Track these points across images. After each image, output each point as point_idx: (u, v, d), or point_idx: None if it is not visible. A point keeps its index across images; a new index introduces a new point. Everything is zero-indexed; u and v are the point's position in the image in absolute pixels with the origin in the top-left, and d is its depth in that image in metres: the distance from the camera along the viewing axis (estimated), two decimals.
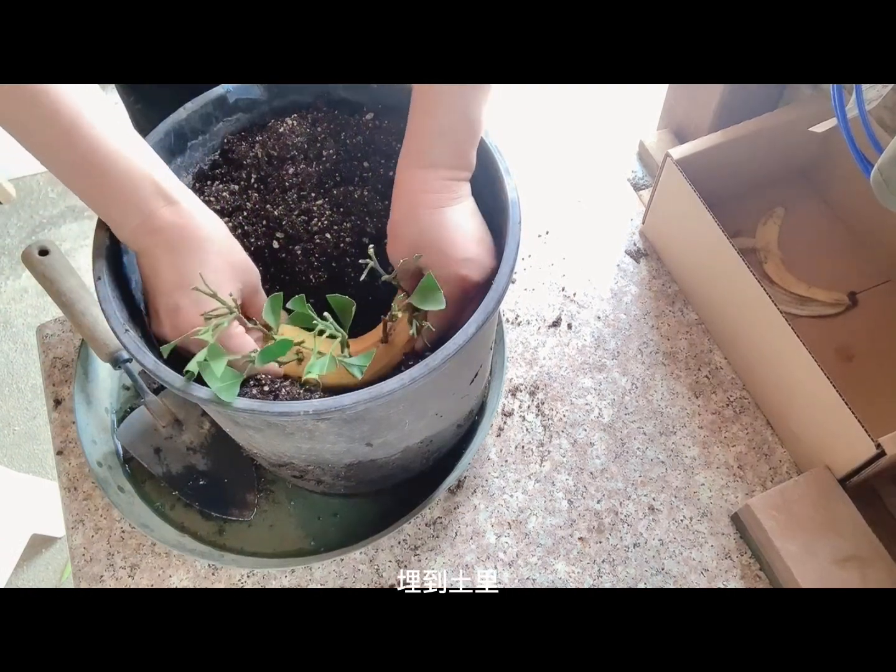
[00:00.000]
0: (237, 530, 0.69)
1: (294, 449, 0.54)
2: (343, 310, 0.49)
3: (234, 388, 0.45)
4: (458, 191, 0.51)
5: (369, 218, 0.57)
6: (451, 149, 0.50)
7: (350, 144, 0.59)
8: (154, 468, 0.70)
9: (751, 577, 0.67)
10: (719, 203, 0.75)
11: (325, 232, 0.56)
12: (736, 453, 0.72)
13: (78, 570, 0.68)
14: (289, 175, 0.58)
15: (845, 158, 0.62)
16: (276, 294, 0.49)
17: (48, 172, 0.49)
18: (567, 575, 0.67)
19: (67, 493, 0.72)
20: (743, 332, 0.74)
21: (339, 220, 0.56)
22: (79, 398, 0.73)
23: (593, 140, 1.00)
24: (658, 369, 0.77)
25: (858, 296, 0.82)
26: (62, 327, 0.81)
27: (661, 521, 0.69)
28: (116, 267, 0.51)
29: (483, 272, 0.50)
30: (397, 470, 0.63)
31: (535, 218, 0.88)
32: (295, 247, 0.56)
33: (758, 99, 0.87)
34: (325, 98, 0.60)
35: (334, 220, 0.56)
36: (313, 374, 0.46)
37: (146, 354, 0.46)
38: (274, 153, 0.58)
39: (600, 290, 0.82)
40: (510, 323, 0.80)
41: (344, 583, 0.67)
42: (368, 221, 0.56)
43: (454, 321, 0.51)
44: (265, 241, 0.57)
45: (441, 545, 0.69)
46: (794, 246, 0.86)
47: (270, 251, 0.57)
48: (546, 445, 0.73)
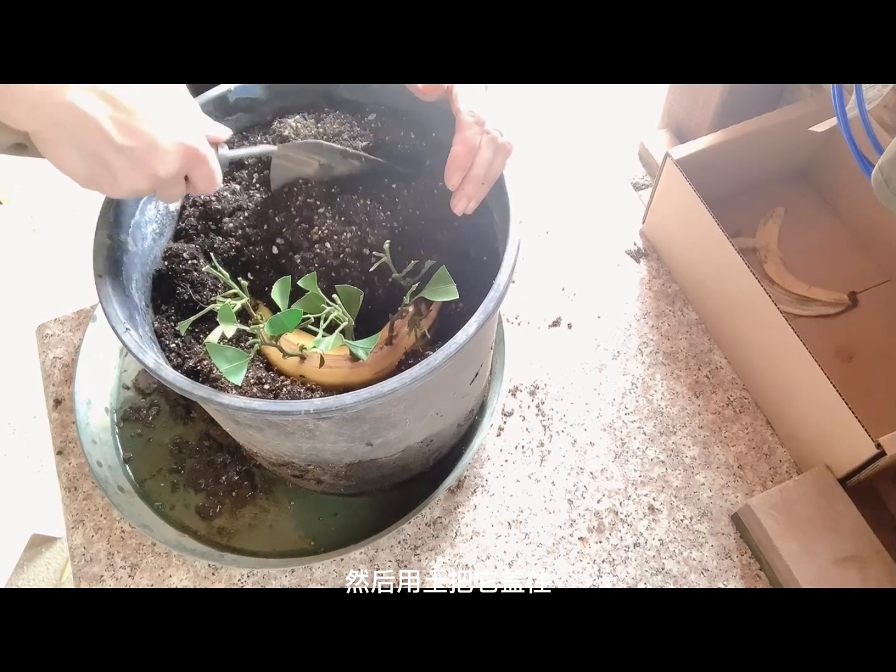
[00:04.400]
0: (237, 530, 0.69)
1: (294, 448, 0.54)
2: (350, 299, 0.50)
3: (241, 370, 0.46)
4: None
5: (370, 228, 0.56)
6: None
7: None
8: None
9: (751, 577, 0.67)
10: (719, 203, 0.75)
11: (325, 241, 0.56)
12: (736, 453, 0.72)
13: (78, 570, 0.68)
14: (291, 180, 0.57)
15: (845, 158, 0.62)
16: (284, 277, 0.50)
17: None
18: (567, 575, 0.67)
19: (67, 493, 0.72)
20: (743, 332, 0.74)
21: (340, 230, 0.56)
22: (79, 398, 0.73)
23: (594, 140, 1.01)
24: (658, 369, 0.77)
25: (858, 296, 0.82)
26: (62, 327, 0.81)
27: (661, 521, 0.69)
28: (116, 266, 0.51)
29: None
30: (397, 470, 0.63)
31: (535, 218, 0.88)
32: (295, 255, 0.56)
33: (758, 99, 0.87)
34: (327, 98, 0.60)
35: (335, 229, 0.56)
36: (319, 349, 0.47)
37: (147, 354, 0.46)
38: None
39: (600, 291, 0.82)
40: (510, 323, 0.80)
41: (344, 583, 0.67)
42: (370, 232, 0.56)
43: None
44: (264, 246, 0.57)
45: (441, 545, 0.69)
46: (794, 246, 0.86)
47: (270, 256, 0.57)
48: (546, 445, 0.73)
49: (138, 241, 0.55)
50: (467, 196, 0.53)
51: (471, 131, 0.51)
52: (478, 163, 0.51)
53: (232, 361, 0.46)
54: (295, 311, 0.48)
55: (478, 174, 0.52)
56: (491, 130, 0.51)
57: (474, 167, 0.51)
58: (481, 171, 0.52)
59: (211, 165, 0.46)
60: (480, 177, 0.52)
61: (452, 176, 0.52)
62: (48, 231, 1.84)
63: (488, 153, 0.51)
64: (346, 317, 0.50)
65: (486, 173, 0.52)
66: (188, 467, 0.72)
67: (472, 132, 0.51)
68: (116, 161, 0.41)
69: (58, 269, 1.76)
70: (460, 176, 0.52)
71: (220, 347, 0.46)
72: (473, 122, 0.50)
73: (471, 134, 0.51)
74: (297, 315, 0.48)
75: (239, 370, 0.46)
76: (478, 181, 0.52)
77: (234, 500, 0.70)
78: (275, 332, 0.48)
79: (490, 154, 0.51)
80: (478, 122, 0.51)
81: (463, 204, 0.53)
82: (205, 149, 0.45)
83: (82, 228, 1.85)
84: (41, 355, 0.79)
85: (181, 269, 0.56)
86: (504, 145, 0.52)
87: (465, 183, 0.52)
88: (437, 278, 0.49)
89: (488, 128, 0.51)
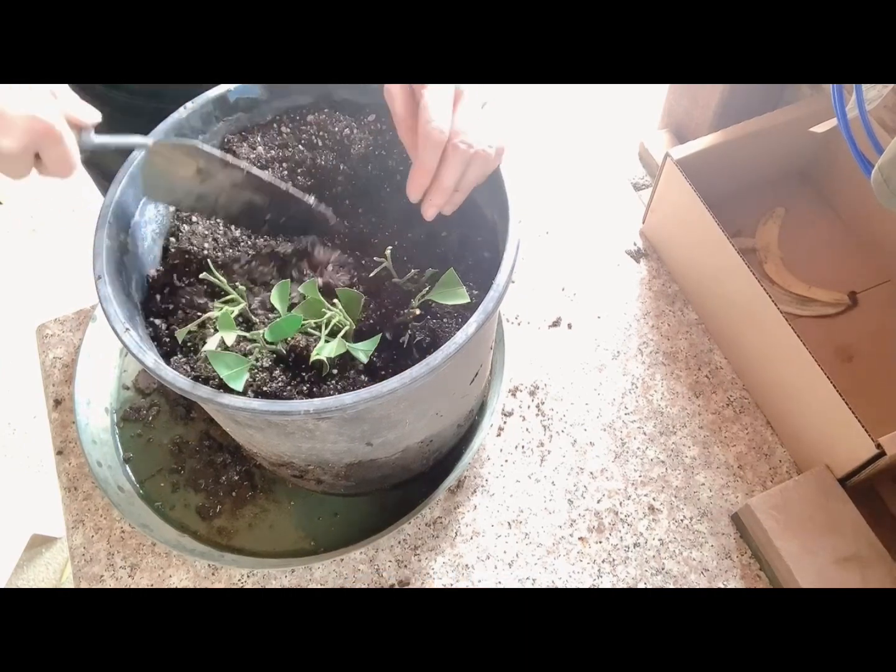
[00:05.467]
0: (237, 530, 0.69)
1: (294, 448, 0.54)
2: (351, 302, 0.50)
3: (242, 376, 0.46)
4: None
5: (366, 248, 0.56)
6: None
7: (353, 156, 0.58)
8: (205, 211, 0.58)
9: (751, 577, 0.67)
10: (719, 203, 0.75)
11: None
12: (736, 453, 0.72)
13: (78, 570, 0.68)
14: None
15: (845, 158, 0.62)
16: (283, 281, 0.50)
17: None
18: (567, 575, 0.67)
19: (67, 493, 0.72)
20: (743, 332, 0.74)
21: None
22: (79, 398, 0.73)
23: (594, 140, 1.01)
24: (658, 369, 0.77)
25: (858, 296, 0.82)
26: (62, 327, 0.81)
27: (662, 521, 0.69)
28: (116, 266, 0.51)
29: None
30: (397, 470, 0.62)
31: (535, 218, 0.88)
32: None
33: (758, 99, 0.87)
34: (326, 99, 0.60)
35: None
36: (322, 356, 0.46)
37: (146, 354, 0.46)
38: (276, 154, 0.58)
39: (600, 290, 0.82)
40: (510, 323, 0.80)
41: (344, 583, 0.67)
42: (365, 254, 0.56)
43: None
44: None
45: (441, 545, 0.69)
46: (794, 246, 0.86)
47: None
48: (546, 445, 0.73)
49: (138, 241, 0.55)
50: (435, 205, 0.50)
51: (429, 154, 0.47)
52: (444, 175, 0.48)
53: (232, 367, 0.46)
54: (295, 317, 0.47)
55: (445, 186, 0.49)
56: (461, 144, 0.47)
57: (440, 179, 0.49)
58: (449, 183, 0.49)
59: (66, 146, 0.44)
60: (449, 188, 0.49)
61: (412, 193, 0.50)
62: (48, 231, 1.84)
63: (455, 166, 0.48)
64: (347, 321, 0.50)
65: (458, 183, 0.49)
66: (188, 467, 0.72)
67: (430, 155, 0.47)
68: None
69: (58, 269, 1.76)
70: (420, 192, 0.50)
71: (221, 354, 0.46)
72: (434, 139, 0.47)
73: (429, 157, 0.47)
74: (298, 321, 0.47)
75: (240, 376, 0.46)
76: (446, 192, 0.49)
77: (234, 500, 0.70)
78: (275, 338, 0.48)
79: (458, 166, 0.48)
80: (439, 136, 0.46)
81: (431, 212, 0.51)
82: (60, 127, 0.43)
83: (82, 228, 1.85)
84: (41, 355, 0.79)
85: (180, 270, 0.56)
86: (479, 153, 0.48)
87: (430, 194, 0.50)
88: (446, 281, 0.49)
89: (459, 140, 0.47)
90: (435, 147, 0.47)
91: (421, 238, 0.57)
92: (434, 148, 0.47)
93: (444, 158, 0.48)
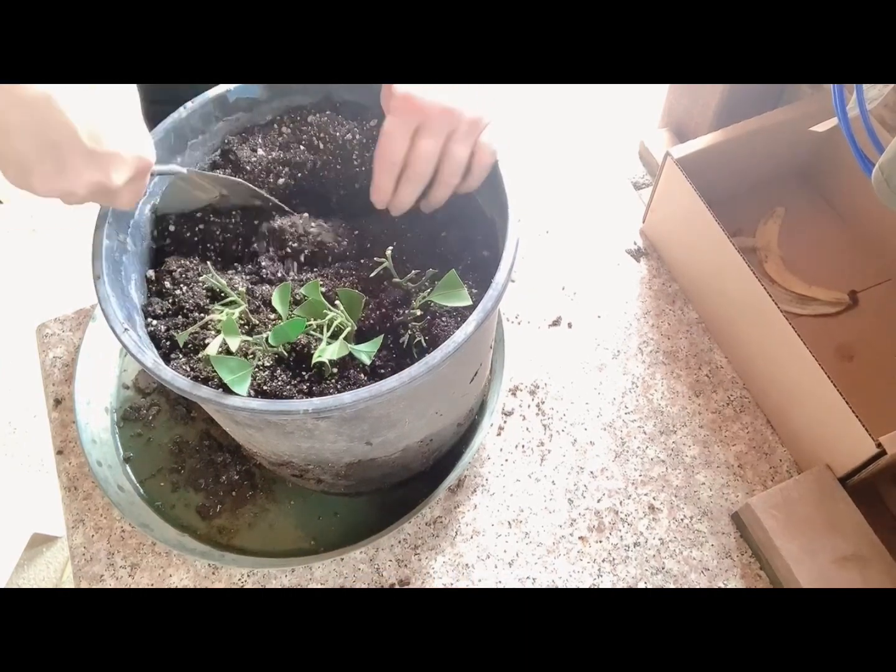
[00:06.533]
0: (237, 530, 0.69)
1: (294, 448, 0.54)
2: (352, 303, 0.49)
3: (245, 380, 0.46)
4: None
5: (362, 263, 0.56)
6: None
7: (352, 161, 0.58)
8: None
9: (751, 577, 0.67)
10: (719, 202, 0.75)
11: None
12: (736, 452, 0.72)
13: (78, 570, 0.68)
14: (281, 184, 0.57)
15: (846, 158, 0.62)
16: (284, 284, 0.50)
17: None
18: (567, 574, 0.67)
19: (67, 492, 0.72)
20: (743, 332, 0.74)
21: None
22: (79, 398, 0.73)
23: (594, 140, 1.00)
24: (658, 368, 0.77)
25: (858, 295, 0.82)
26: (62, 327, 0.81)
27: (662, 521, 0.69)
28: (115, 266, 0.51)
29: None
30: (397, 469, 0.62)
31: (535, 217, 0.88)
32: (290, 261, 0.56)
33: (758, 99, 0.87)
34: (328, 99, 0.60)
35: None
36: (324, 358, 0.46)
37: (145, 354, 0.46)
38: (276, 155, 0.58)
39: (600, 290, 0.82)
40: (510, 322, 0.80)
41: (344, 582, 0.67)
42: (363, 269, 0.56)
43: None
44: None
45: (441, 544, 0.69)
46: (794, 245, 0.86)
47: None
48: (546, 445, 0.73)
49: (137, 241, 0.55)
50: (401, 201, 0.45)
51: (395, 120, 0.40)
52: (416, 159, 0.42)
53: (236, 372, 0.46)
54: (299, 321, 0.47)
55: (418, 172, 0.43)
56: (438, 116, 0.40)
57: (411, 165, 0.43)
58: (422, 170, 0.43)
59: (146, 182, 0.46)
60: (421, 175, 0.43)
61: (379, 177, 0.44)
62: (48, 231, 1.84)
63: (429, 146, 0.41)
64: (349, 322, 0.50)
65: (432, 170, 0.43)
66: (188, 467, 0.72)
67: (396, 122, 0.40)
68: (74, 160, 0.40)
69: (58, 269, 1.76)
70: (389, 177, 0.44)
71: (224, 358, 0.46)
72: (401, 108, 0.40)
73: (393, 124, 0.40)
74: (301, 325, 0.47)
75: (243, 380, 0.46)
76: (417, 182, 0.44)
77: (234, 500, 0.70)
78: (278, 341, 0.48)
79: (432, 146, 0.41)
80: (410, 106, 0.40)
81: (397, 209, 0.46)
82: (152, 164, 0.45)
83: (82, 228, 1.85)
84: (41, 355, 0.79)
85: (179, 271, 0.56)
86: (468, 124, 0.40)
87: (400, 185, 0.44)
88: (447, 282, 0.49)
89: (435, 112, 0.40)
90: (402, 117, 0.43)
91: (421, 238, 0.57)
92: (400, 118, 0.43)
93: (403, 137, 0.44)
